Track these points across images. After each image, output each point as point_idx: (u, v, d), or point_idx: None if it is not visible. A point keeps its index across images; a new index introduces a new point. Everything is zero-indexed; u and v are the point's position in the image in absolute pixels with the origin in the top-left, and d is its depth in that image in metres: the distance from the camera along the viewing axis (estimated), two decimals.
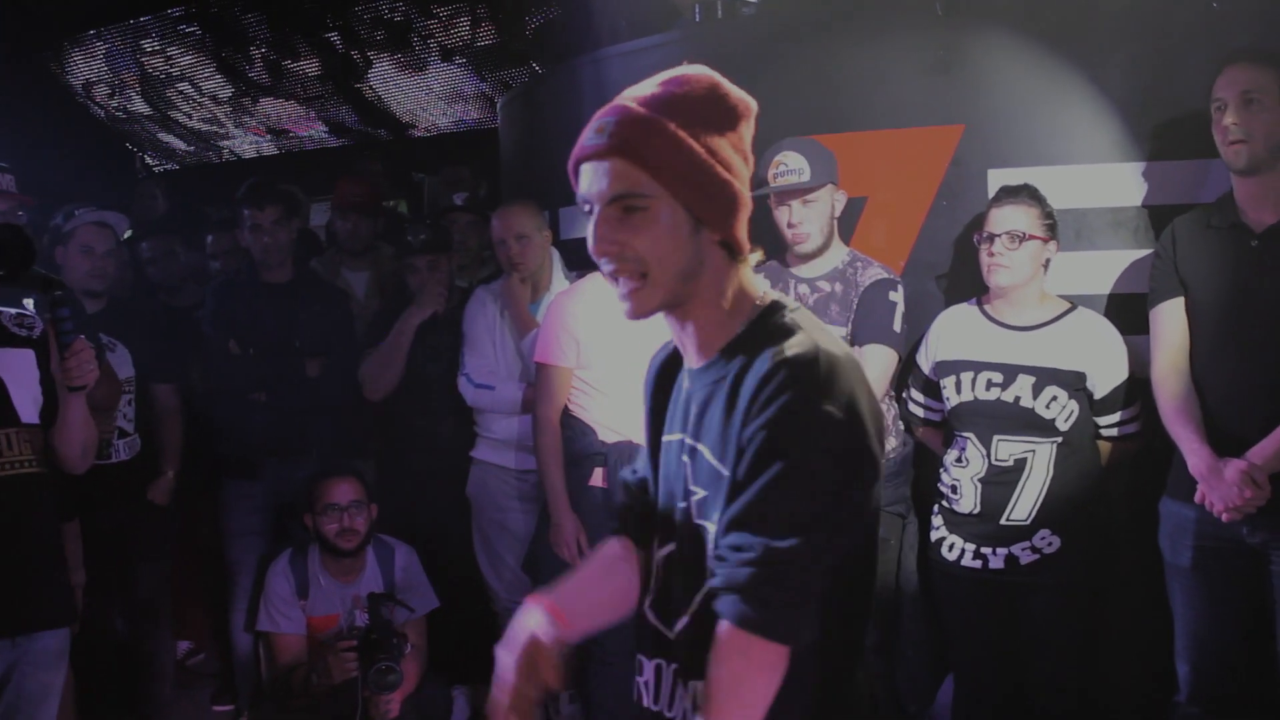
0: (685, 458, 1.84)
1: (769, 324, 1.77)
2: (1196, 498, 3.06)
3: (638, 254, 1.71)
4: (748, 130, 1.80)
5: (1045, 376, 3.34)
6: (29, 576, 3.06)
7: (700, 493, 1.80)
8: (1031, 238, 3.34)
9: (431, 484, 4.69)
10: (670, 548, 1.90)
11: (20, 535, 3.06)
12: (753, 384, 1.67)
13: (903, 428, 3.76)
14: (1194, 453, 3.06)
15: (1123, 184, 3.53)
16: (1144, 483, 3.36)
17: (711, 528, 1.75)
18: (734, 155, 1.76)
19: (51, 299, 2.92)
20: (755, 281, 1.83)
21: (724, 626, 1.65)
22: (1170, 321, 3.23)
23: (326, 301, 4.83)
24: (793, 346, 1.68)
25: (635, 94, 1.78)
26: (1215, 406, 3.12)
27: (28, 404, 3.10)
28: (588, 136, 1.76)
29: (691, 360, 1.85)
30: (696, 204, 1.72)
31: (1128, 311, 3.45)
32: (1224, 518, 3.00)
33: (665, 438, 1.92)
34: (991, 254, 3.38)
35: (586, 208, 1.77)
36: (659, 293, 1.74)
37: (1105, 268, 3.55)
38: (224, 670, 5.14)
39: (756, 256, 1.82)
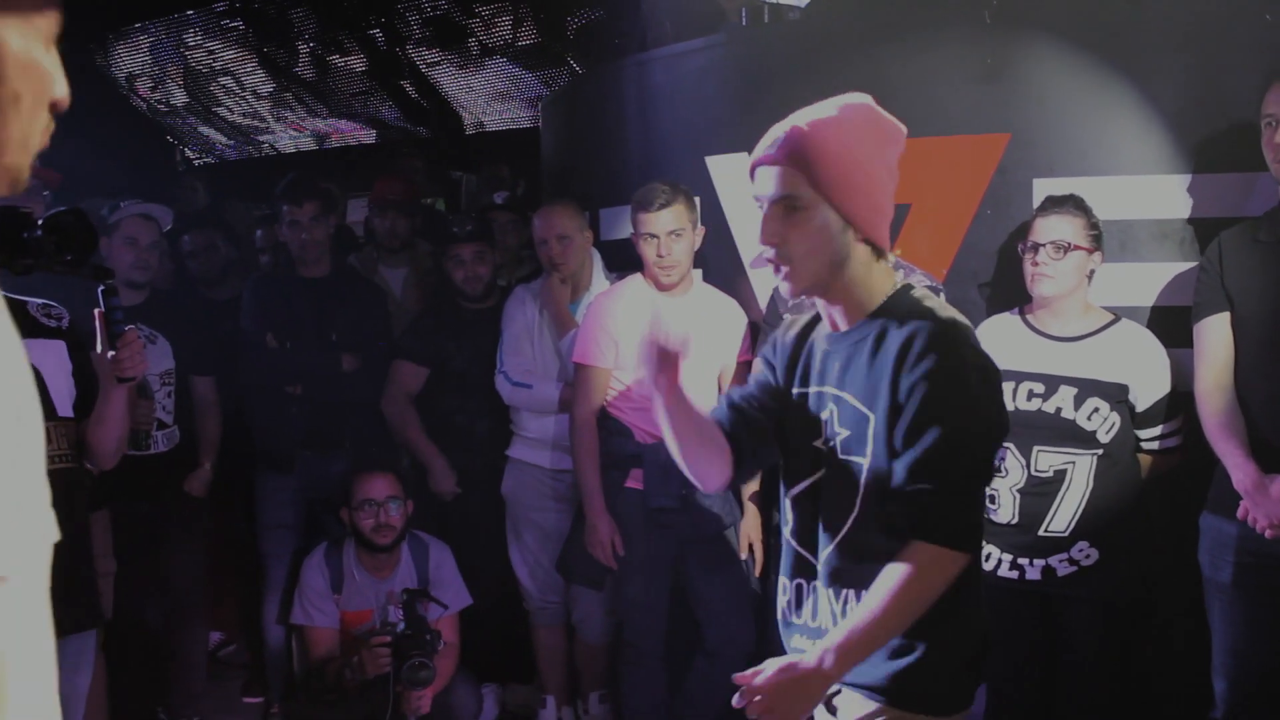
0: (831, 405, 2.20)
1: (904, 299, 2.16)
2: (1239, 513, 3.03)
3: (792, 246, 2.11)
4: (896, 150, 2.19)
5: (1088, 388, 3.32)
6: (62, 578, 3.00)
7: (844, 433, 2.17)
8: (1076, 248, 3.32)
9: (467, 481, 4.70)
10: (810, 481, 2.26)
11: (62, 535, 3.00)
12: (899, 342, 2.07)
13: None
14: (1239, 468, 3.04)
15: (1169, 196, 3.50)
16: (1183, 497, 3.34)
17: (862, 462, 2.13)
18: (883, 170, 2.16)
19: (103, 289, 2.82)
20: (891, 273, 2.22)
21: (920, 544, 2.03)
22: (1215, 336, 3.20)
23: (363, 297, 4.85)
24: (934, 313, 2.10)
25: (805, 113, 2.15)
26: (1259, 421, 3.09)
27: (63, 396, 3.03)
28: (764, 146, 2.15)
29: (833, 328, 2.24)
30: (845, 208, 2.10)
31: (1171, 324, 3.43)
32: (1268, 534, 2.97)
33: (798, 390, 2.29)
34: (1036, 263, 3.36)
35: (759, 204, 2.16)
36: (805, 278, 2.14)
37: (1150, 280, 3.53)
38: (255, 662, 5.16)
39: (895, 254, 2.31)
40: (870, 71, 3.88)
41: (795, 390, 2.30)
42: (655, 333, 2.19)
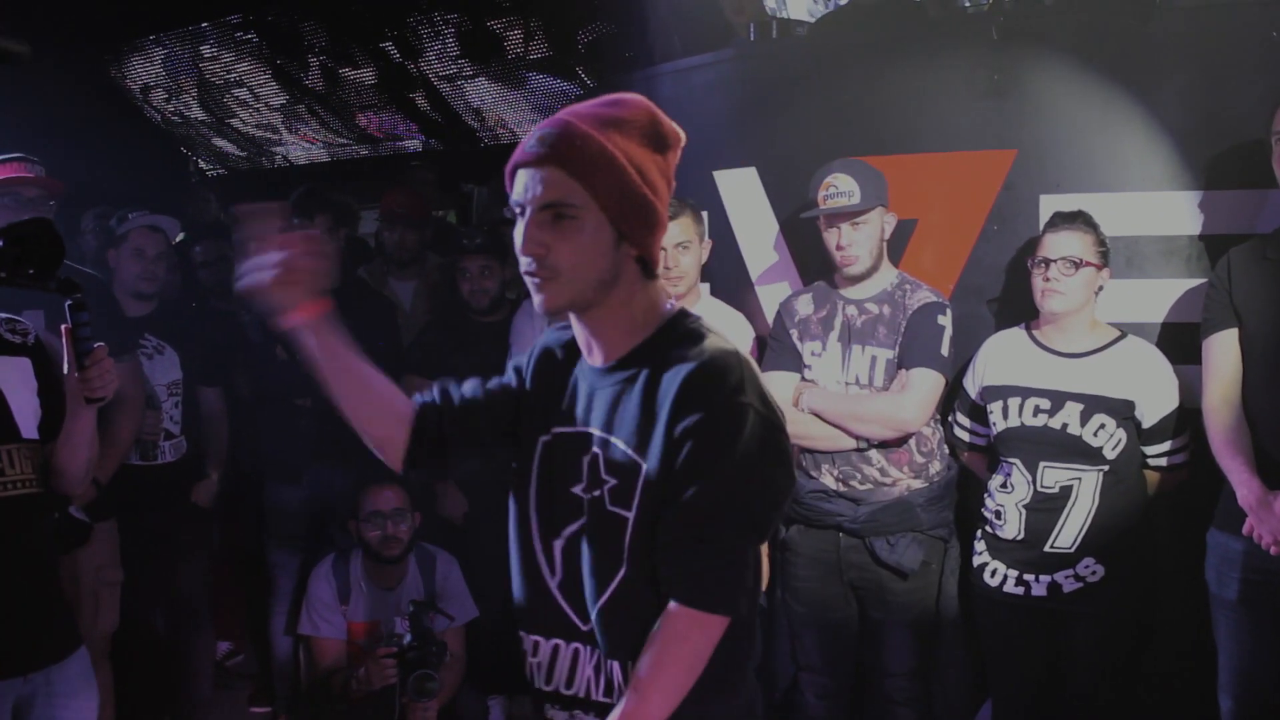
0: (596, 449, 1.96)
1: (678, 329, 1.95)
2: (1245, 530, 3.02)
3: (558, 258, 1.85)
4: (674, 158, 1.96)
5: (1094, 404, 3.32)
6: (34, 608, 2.78)
7: (611, 481, 1.93)
8: (1087, 264, 3.32)
9: (474, 494, 4.70)
10: (571, 530, 1.99)
11: (23, 563, 2.77)
12: (676, 384, 1.85)
13: (947, 451, 3.74)
14: (1244, 484, 3.03)
15: (1176, 212, 3.50)
16: (1190, 514, 3.33)
17: (628, 515, 1.90)
18: (660, 179, 1.92)
19: (71, 303, 2.64)
20: (663, 296, 2.01)
21: (678, 608, 1.83)
22: (1223, 352, 3.19)
23: (373, 309, 4.86)
24: (708, 350, 1.87)
25: (577, 111, 1.92)
26: (1266, 439, 3.08)
27: (28, 417, 2.83)
28: (528, 144, 1.89)
29: (597, 360, 1.99)
30: (621, 219, 1.87)
31: (1178, 341, 3.43)
32: (1273, 551, 2.96)
33: (557, 429, 2.04)
34: (1047, 279, 3.36)
35: (518, 210, 1.90)
36: (568, 293, 1.88)
37: (1157, 296, 3.52)
38: (262, 672, 5.17)
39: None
40: (877, 87, 3.91)
41: (555, 428, 2.05)
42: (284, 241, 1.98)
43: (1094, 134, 3.59)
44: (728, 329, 4.00)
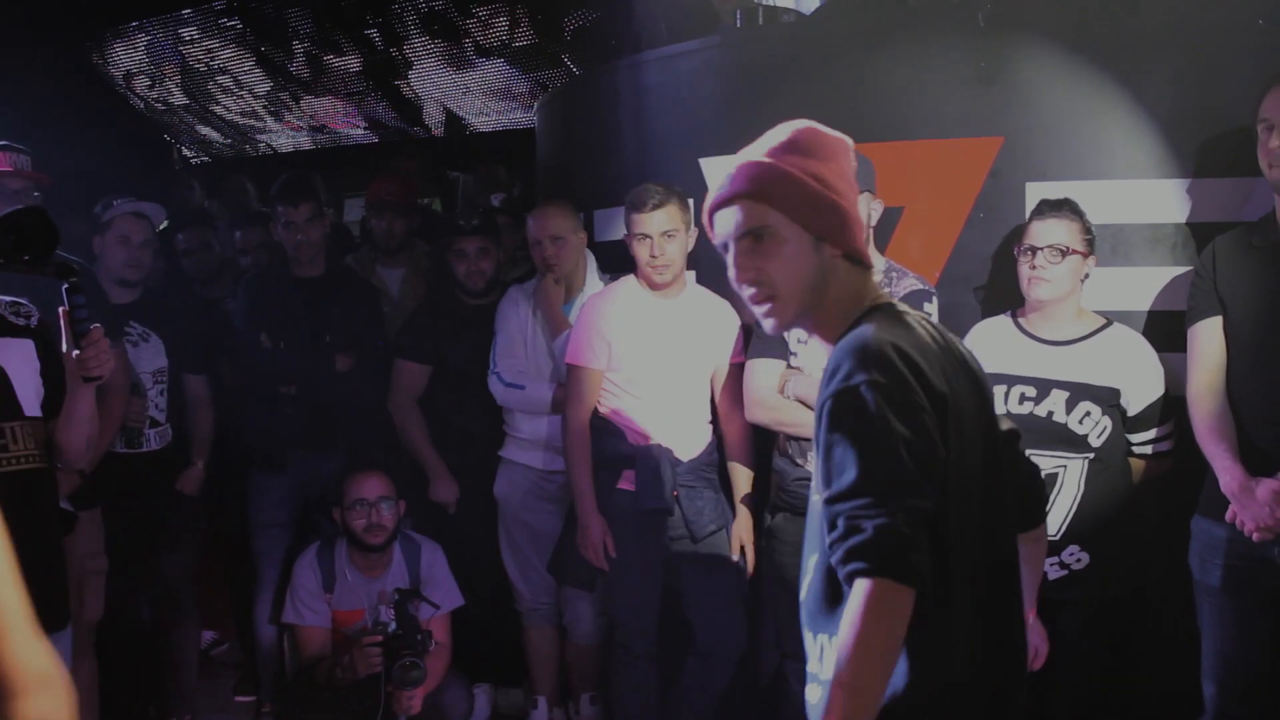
0: (812, 453, 2.10)
1: (858, 322, 2.02)
2: (1228, 516, 3.04)
3: (771, 275, 2.02)
4: (848, 162, 2.11)
5: (1079, 392, 3.33)
6: (38, 580, 2.89)
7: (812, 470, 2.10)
8: (1073, 252, 3.33)
9: (462, 481, 4.70)
10: (811, 516, 2.13)
11: (27, 536, 2.87)
12: (826, 373, 1.96)
13: None
14: (1226, 470, 3.05)
15: (1162, 200, 3.50)
16: (1175, 500, 3.34)
17: (818, 498, 1.99)
18: (839, 181, 2.06)
19: (67, 287, 2.74)
20: (874, 288, 2.12)
21: (856, 585, 1.82)
22: (1208, 340, 3.20)
23: (357, 297, 4.84)
24: (857, 335, 1.95)
25: (747, 150, 2.10)
26: (1250, 426, 3.10)
27: (30, 395, 2.94)
28: (719, 190, 2.09)
29: (824, 357, 2.08)
30: (812, 223, 2.02)
31: (1164, 328, 3.44)
32: (1255, 537, 2.98)
33: None
34: (1034, 267, 3.36)
35: (725, 251, 2.09)
36: (792, 306, 2.04)
37: (1143, 284, 3.53)
38: (248, 661, 5.16)
39: (881, 263, 2.28)
40: (863, 75, 3.91)
41: None
42: None
43: (1080, 122, 3.59)
44: (715, 320, 4.03)
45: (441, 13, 7.84)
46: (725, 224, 2.08)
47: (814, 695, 2.05)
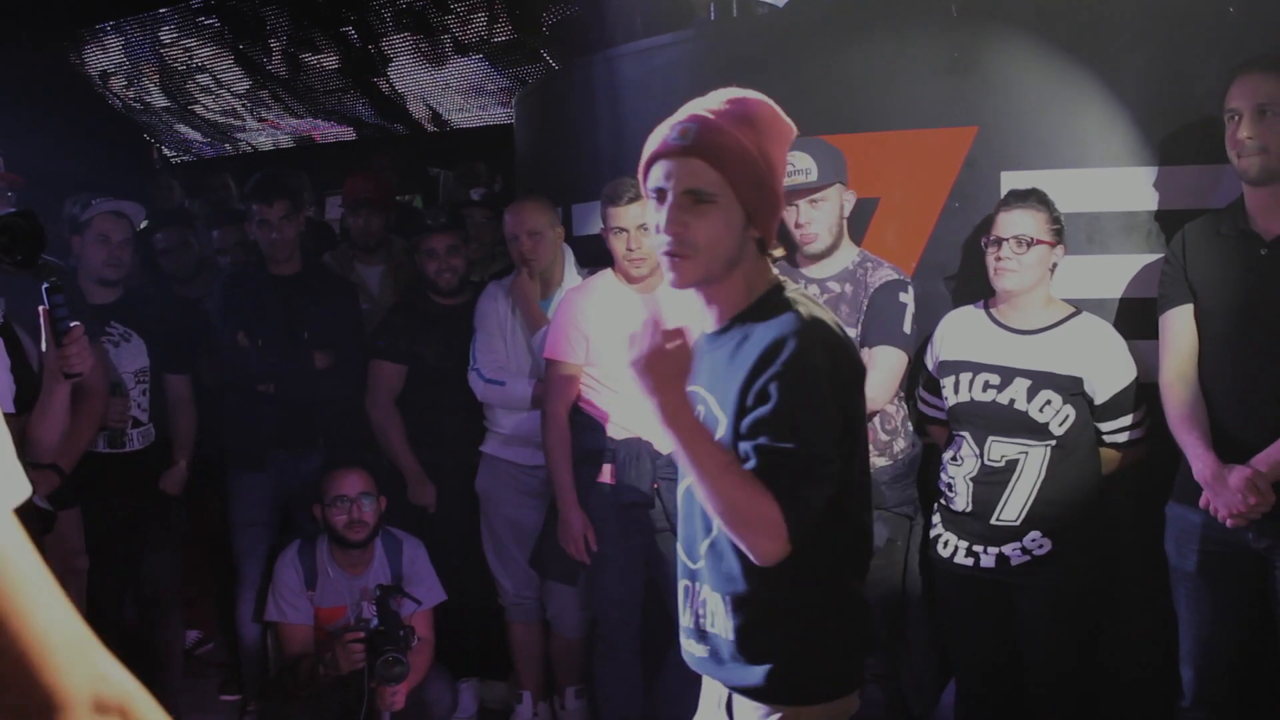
0: (700, 406, 2.19)
1: (771, 299, 2.16)
2: (1201, 503, 3.06)
3: (696, 238, 2.08)
4: (788, 148, 2.21)
5: (1041, 380, 3.35)
6: None
7: None
8: (1039, 242, 3.34)
9: (441, 478, 4.71)
10: (685, 483, 2.29)
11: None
12: (759, 348, 2.06)
13: (911, 429, 3.76)
14: (1199, 458, 3.07)
15: (1135, 188, 3.52)
16: (1151, 487, 3.36)
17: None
18: (781, 168, 2.17)
19: (48, 286, 2.81)
20: (771, 270, 2.21)
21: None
22: (1179, 327, 3.22)
23: (334, 294, 4.84)
24: (794, 316, 2.08)
25: (708, 106, 2.14)
26: (1222, 413, 3.12)
27: (3, 391, 3.02)
28: (671, 136, 2.12)
29: (709, 325, 2.23)
30: (752, 204, 2.11)
31: (1139, 316, 3.45)
32: (1228, 524, 3.01)
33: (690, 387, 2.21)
34: (999, 258, 3.38)
35: (656, 196, 2.14)
36: (701, 270, 2.12)
37: (1117, 272, 3.55)
38: (232, 660, 5.16)
39: (779, 252, 2.24)
40: (838, 65, 3.91)
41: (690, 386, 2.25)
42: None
43: (1054, 111, 3.60)
44: (684, 309, 4.04)
45: (419, 9, 7.84)
46: (669, 173, 2.11)
47: (699, 651, 2.30)
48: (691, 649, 2.34)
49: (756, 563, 2.05)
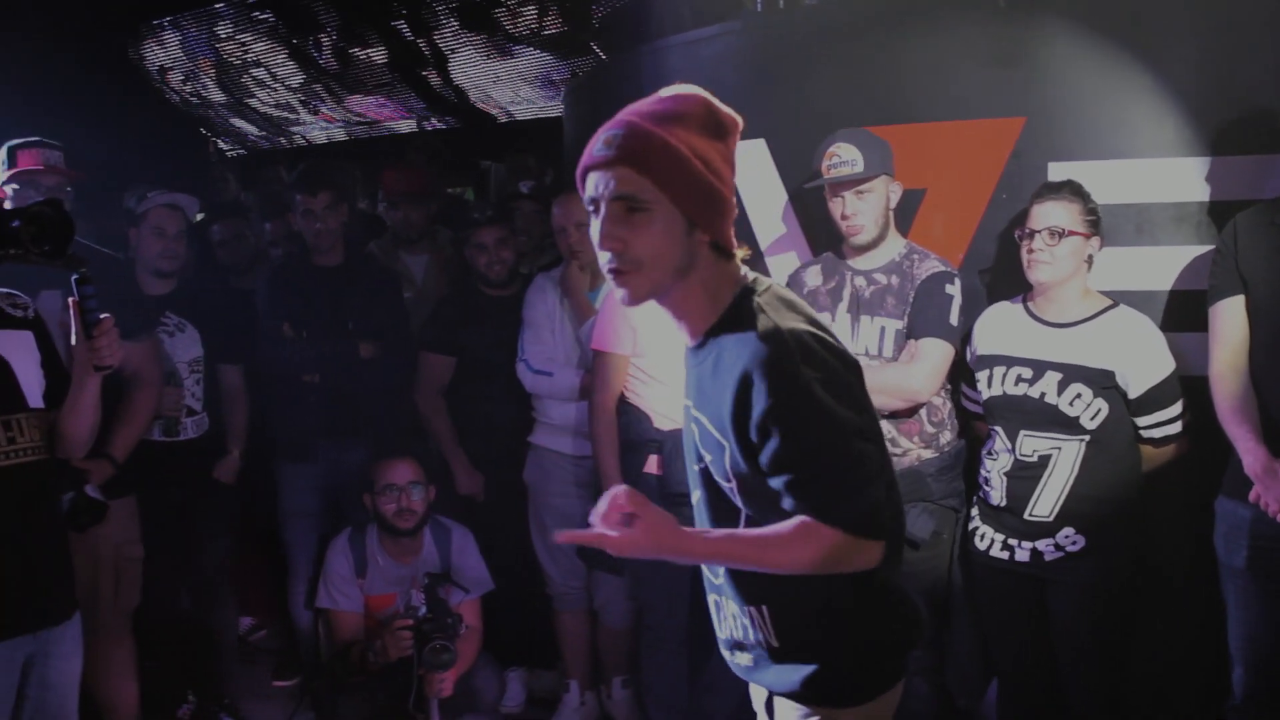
0: (694, 425, 2.16)
1: (741, 310, 2.06)
2: (1251, 497, 3.01)
3: (635, 250, 1.99)
4: (734, 143, 2.09)
5: (1071, 373, 3.33)
6: (45, 570, 2.95)
7: (708, 457, 2.14)
8: (1072, 233, 3.32)
9: (490, 468, 4.75)
10: (696, 498, 2.28)
11: (35, 526, 2.93)
12: (735, 375, 1.99)
13: (956, 421, 3.74)
14: (1249, 452, 3.03)
15: (1186, 179, 3.48)
16: (1200, 481, 3.32)
17: (731, 485, 2.10)
18: (723, 165, 2.05)
19: (77, 277, 2.76)
20: (738, 274, 2.12)
21: (810, 520, 1.97)
22: (1229, 319, 3.18)
23: (378, 284, 4.89)
24: (761, 332, 1.99)
25: (637, 110, 2.06)
26: (1273, 406, 3.08)
27: (34, 387, 2.98)
28: (596, 148, 2.04)
29: (687, 339, 2.16)
30: (691, 208, 2.00)
31: (1188, 308, 3.41)
32: (1279, 518, 2.97)
33: (685, 401, 2.23)
34: (1031, 250, 3.36)
35: (592, 208, 2.04)
36: (648, 282, 2.03)
37: (1167, 263, 3.51)
38: (287, 647, 5.23)
39: (742, 253, 2.13)
40: (884, 57, 3.90)
41: (685, 401, 2.26)
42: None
43: (1103, 100, 3.57)
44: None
45: (472, 2, 7.88)
46: (598, 184, 2.03)
47: (744, 660, 2.29)
48: (730, 658, 2.35)
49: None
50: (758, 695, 2.35)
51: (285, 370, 4.70)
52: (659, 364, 3.99)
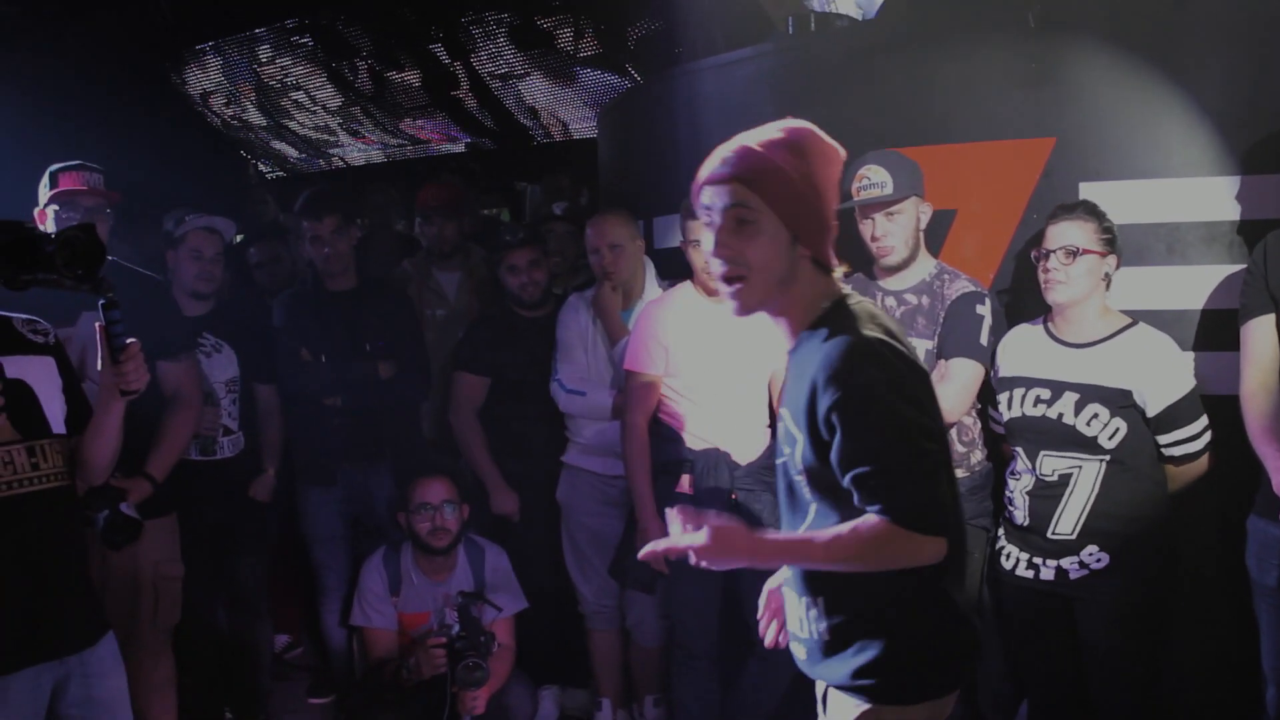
0: (781, 422, 2.34)
1: (832, 316, 2.26)
2: None
3: (747, 258, 2.22)
4: (837, 170, 2.30)
5: (1089, 393, 3.33)
6: (68, 595, 2.93)
7: (786, 451, 2.32)
8: (1087, 252, 3.32)
9: (524, 487, 4.78)
10: (780, 490, 2.44)
11: (57, 552, 2.92)
12: (811, 371, 2.17)
13: (983, 441, 3.74)
14: (1279, 471, 3.02)
15: (1217, 198, 3.48)
16: (1233, 500, 3.31)
17: (801, 480, 2.27)
18: (826, 187, 2.27)
19: (104, 302, 2.73)
20: (835, 288, 2.32)
21: (875, 516, 2.11)
22: (1260, 338, 3.17)
23: (391, 305, 4.92)
24: (845, 335, 2.17)
25: (751, 135, 2.27)
26: None
27: (56, 413, 2.96)
28: (713, 166, 2.27)
29: (785, 344, 2.36)
30: (794, 223, 2.22)
31: (1220, 327, 3.41)
32: None
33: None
34: (1047, 270, 3.37)
35: (707, 218, 2.28)
36: (758, 292, 2.25)
37: (1198, 283, 3.51)
38: (322, 664, 5.27)
39: (841, 270, 2.34)
40: (915, 78, 3.92)
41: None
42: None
43: (1133, 120, 3.58)
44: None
45: (509, 25, 7.95)
46: (715, 196, 2.26)
47: (800, 652, 2.40)
48: (794, 650, 2.45)
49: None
50: (818, 689, 2.44)
51: (306, 394, 4.74)
52: (691, 384, 4.01)
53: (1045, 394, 3.39)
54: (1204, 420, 3.35)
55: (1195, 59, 3.52)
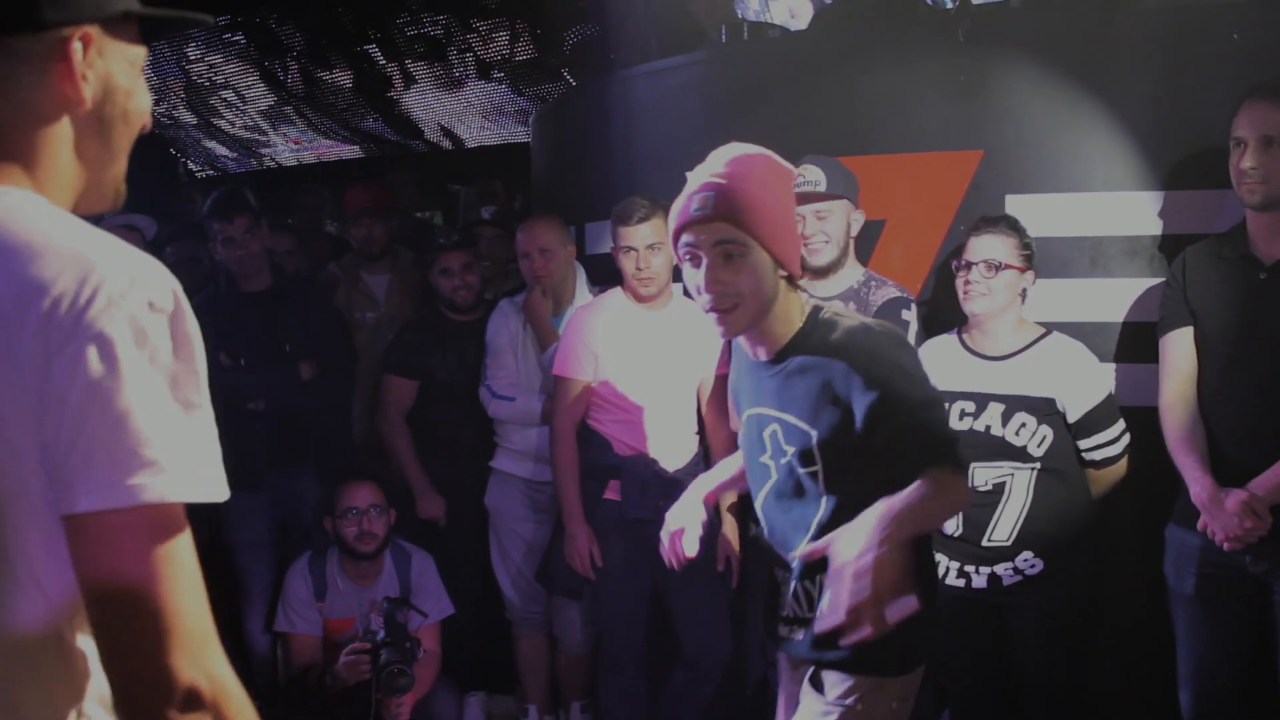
0: (773, 425, 2.47)
1: (820, 324, 2.42)
2: (1199, 526, 3.07)
3: (739, 288, 2.33)
4: (791, 188, 2.46)
5: (1014, 404, 3.36)
6: None
7: (791, 449, 2.44)
8: (1008, 267, 3.36)
9: (451, 492, 4.75)
10: (765, 490, 2.57)
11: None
12: (831, 368, 2.34)
13: None
14: (1196, 481, 3.08)
15: (1139, 212, 3.53)
16: (1152, 508, 3.37)
17: (816, 469, 2.41)
18: (789, 207, 2.43)
19: None
20: (800, 297, 2.47)
21: (931, 471, 2.22)
22: (1178, 350, 3.24)
23: (311, 304, 4.89)
24: (850, 332, 2.36)
25: (716, 172, 2.37)
26: (1220, 436, 3.13)
27: None
28: (692, 208, 2.35)
29: (761, 356, 2.49)
30: (775, 247, 2.35)
31: (1142, 340, 3.46)
32: (1225, 547, 3.02)
33: (745, 413, 2.59)
34: (968, 282, 3.40)
35: (689, 258, 2.39)
36: (746, 317, 2.37)
37: (1120, 295, 3.56)
38: (242, 671, 5.18)
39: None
40: (846, 89, 3.94)
41: (744, 412, 2.61)
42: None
43: (1059, 135, 3.62)
44: (700, 332, 4.07)
45: (443, 27, 7.92)
46: (699, 237, 2.35)
47: (798, 635, 2.53)
48: (787, 635, 2.58)
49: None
50: (801, 680, 2.56)
51: (228, 399, 4.65)
52: (620, 391, 4.01)
53: (970, 407, 3.42)
54: (1122, 423, 3.40)
55: (1121, 76, 3.58)
